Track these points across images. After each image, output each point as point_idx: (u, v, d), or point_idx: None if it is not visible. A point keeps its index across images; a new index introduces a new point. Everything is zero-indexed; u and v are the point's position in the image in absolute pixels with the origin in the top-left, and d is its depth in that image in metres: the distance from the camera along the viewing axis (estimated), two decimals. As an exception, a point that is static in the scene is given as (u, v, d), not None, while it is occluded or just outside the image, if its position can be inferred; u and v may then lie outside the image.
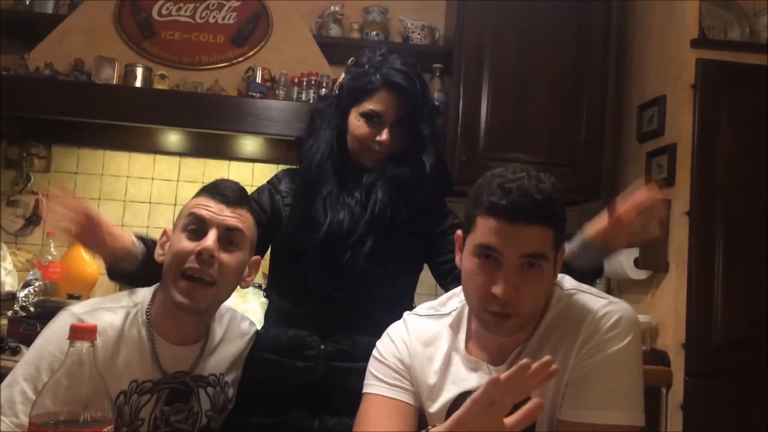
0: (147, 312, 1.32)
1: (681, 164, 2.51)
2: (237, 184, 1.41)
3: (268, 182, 1.68)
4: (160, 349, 1.31)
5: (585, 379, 1.14)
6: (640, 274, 2.62)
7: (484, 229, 1.11)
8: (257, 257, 1.40)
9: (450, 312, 1.31)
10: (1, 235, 2.89)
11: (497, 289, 1.10)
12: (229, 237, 1.31)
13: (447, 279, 1.54)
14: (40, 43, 2.70)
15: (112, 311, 1.30)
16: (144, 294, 1.36)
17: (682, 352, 2.39)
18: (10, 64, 2.72)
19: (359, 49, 2.81)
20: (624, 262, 2.64)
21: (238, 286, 1.37)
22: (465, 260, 1.17)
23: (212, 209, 1.31)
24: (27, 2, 2.86)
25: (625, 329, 1.15)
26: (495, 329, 1.15)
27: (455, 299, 1.32)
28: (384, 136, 1.55)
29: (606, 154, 2.92)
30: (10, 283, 2.63)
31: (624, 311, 1.17)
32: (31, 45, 2.72)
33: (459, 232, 1.22)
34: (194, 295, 1.27)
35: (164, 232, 1.37)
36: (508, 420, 0.96)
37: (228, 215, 1.31)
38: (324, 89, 2.72)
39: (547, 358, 0.97)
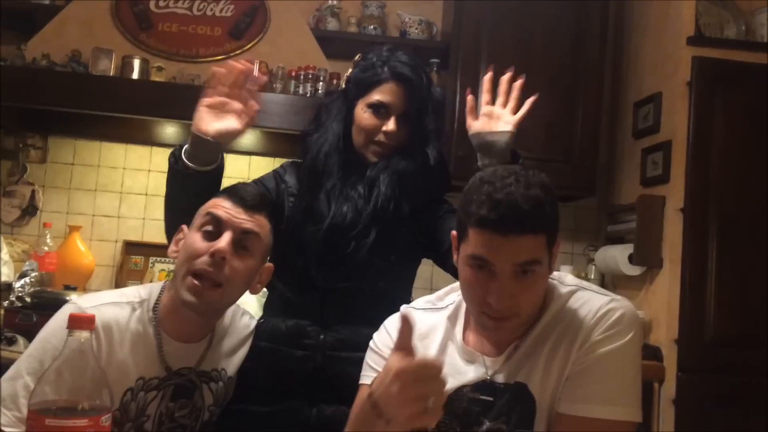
0: (154, 309, 1.32)
1: (676, 161, 2.52)
2: (259, 189, 1.42)
3: (273, 171, 1.68)
4: (167, 347, 1.30)
5: (584, 373, 1.15)
6: (634, 270, 2.64)
7: (476, 241, 1.12)
8: (270, 265, 1.39)
9: (447, 306, 1.32)
10: (-4, 225, 2.90)
11: (493, 299, 1.12)
12: (243, 241, 1.30)
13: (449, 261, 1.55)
14: (38, 33, 2.70)
15: (118, 306, 1.29)
16: (152, 290, 1.35)
17: (675, 347, 2.42)
18: (8, 54, 2.72)
19: (357, 43, 2.85)
20: (618, 257, 2.66)
21: (248, 292, 1.36)
22: (460, 267, 1.19)
23: (230, 211, 1.30)
24: (24, -8, 2.85)
25: (627, 326, 1.16)
26: (494, 332, 1.17)
27: (453, 294, 1.33)
28: (390, 125, 1.55)
29: (601, 150, 2.94)
30: (6, 274, 2.63)
31: (626, 308, 1.18)
32: (28, 35, 2.72)
33: (454, 232, 1.23)
34: (202, 294, 1.26)
35: (181, 229, 1.36)
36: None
37: (245, 218, 1.31)
38: (321, 83, 2.73)
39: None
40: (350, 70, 1.68)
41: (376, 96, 1.56)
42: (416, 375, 0.96)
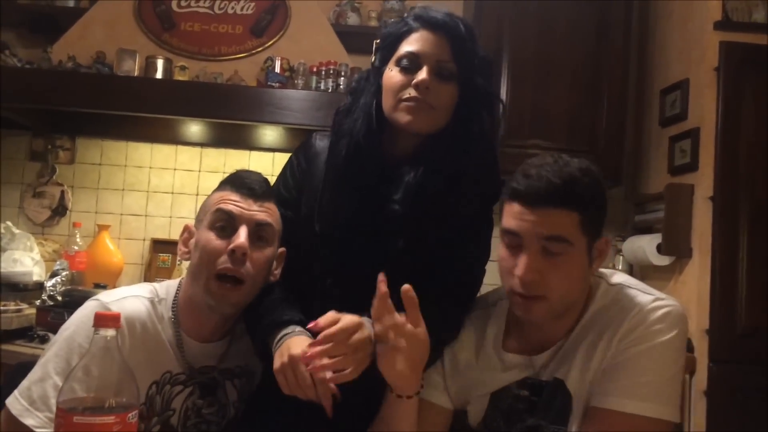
0: (173, 308, 1.30)
1: (704, 148, 2.48)
2: (261, 175, 1.36)
3: (289, 167, 1.46)
4: (186, 346, 1.29)
5: (622, 367, 1.12)
6: (663, 260, 2.60)
7: (507, 214, 1.15)
8: (283, 249, 1.34)
9: (486, 308, 1.31)
10: (28, 226, 2.95)
11: (518, 271, 1.12)
12: (259, 233, 1.26)
13: None
14: (63, 36, 2.74)
15: (139, 300, 1.29)
16: (168, 288, 1.33)
17: (706, 338, 2.37)
18: (34, 57, 2.77)
19: (377, 37, 2.84)
20: (646, 247, 2.62)
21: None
22: (498, 245, 1.20)
23: (241, 204, 1.26)
24: (49, -4, 2.89)
25: (671, 324, 1.14)
26: (524, 313, 1.16)
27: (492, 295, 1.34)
28: (422, 74, 1.25)
29: (628, 139, 2.89)
30: (38, 273, 2.69)
31: (673, 307, 1.16)
32: (53, 38, 2.76)
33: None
34: (227, 297, 1.24)
35: (186, 229, 1.33)
36: None
37: (257, 210, 1.27)
38: (343, 78, 2.73)
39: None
40: (376, 41, 1.39)
41: (405, 47, 1.29)
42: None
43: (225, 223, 1.26)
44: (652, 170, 2.88)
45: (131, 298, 1.28)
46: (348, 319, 1.13)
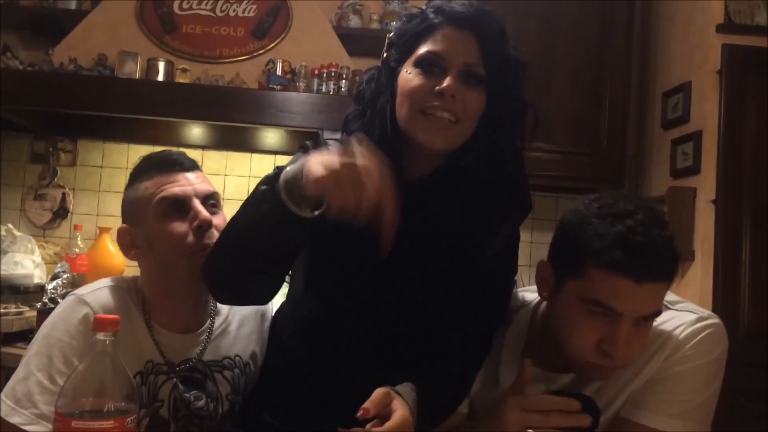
0: (144, 301, 1.28)
1: (707, 151, 2.47)
2: (179, 150, 1.38)
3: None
4: (161, 338, 1.26)
5: (661, 382, 1.11)
6: (665, 264, 2.59)
7: (602, 286, 1.02)
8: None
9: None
10: (29, 228, 2.95)
11: (611, 348, 1.03)
12: (210, 201, 1.28)
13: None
14: (64, 38, 2.74)
15: (115, 290, 1.27)
16: (137, 284, 1.31)
17: (708, 341, 2.36)
18: (36, 60, 2.77)
19: (379, 40, 2.82)
20: (648, 251, 2.61)
21: None
22: (567, 306, 1.08)
23: (182, 182, 1.27)
24: (51, -2, 2.90)
25: (716, 344, 1.13)
26: (599, 377, 1.12)
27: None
28: (446, 81, 1.07)
29: (630, 142, 2.89)
30: (39, 276, 2.68)
31: (716, 326, 1.14)
32: (55, 41, 2.76)
33: (544, 261, 1.15)
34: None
35: (126, 232, 1.31)
36: None
37: (197, 182, 1.29)
38: (344, 81, 2.72)
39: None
40: (390, 35, 1.22)
41: (426, 47, 1.11)
42: None
43: (177, 206, 1.25)
44: (654, 173, 2.87)
45: (106, 289, 1.27)
46: (400, 414, 0.98)
